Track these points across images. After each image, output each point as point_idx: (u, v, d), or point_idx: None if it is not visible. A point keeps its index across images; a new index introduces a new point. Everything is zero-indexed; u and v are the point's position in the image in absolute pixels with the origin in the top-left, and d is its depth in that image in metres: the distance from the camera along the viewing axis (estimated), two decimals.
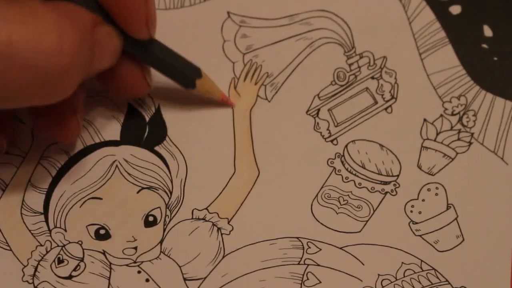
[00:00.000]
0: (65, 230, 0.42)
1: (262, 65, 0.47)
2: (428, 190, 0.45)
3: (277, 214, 0.44)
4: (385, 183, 0.45)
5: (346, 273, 0.43)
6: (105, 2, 0.38)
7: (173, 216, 0.43)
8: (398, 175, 0.45)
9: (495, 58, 0.48)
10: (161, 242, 0.43)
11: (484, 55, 0.48)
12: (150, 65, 0.43)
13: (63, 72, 0.34)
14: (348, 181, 0.45)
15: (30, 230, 0.42)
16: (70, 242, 0.42)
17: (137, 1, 0.39)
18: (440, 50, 0.48)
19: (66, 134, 0.41)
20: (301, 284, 0.42)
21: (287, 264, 0.43)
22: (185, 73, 0.43)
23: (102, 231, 0.43)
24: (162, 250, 0.42)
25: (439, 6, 0.49)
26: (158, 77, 0.44)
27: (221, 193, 0.44)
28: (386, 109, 0.47)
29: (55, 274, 0.42)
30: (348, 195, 0.45)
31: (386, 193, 0.45)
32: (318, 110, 0.46)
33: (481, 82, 0.48)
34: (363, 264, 0.43)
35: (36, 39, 0.33)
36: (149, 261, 0.42)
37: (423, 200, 0.45)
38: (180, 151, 0.44)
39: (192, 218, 0.43)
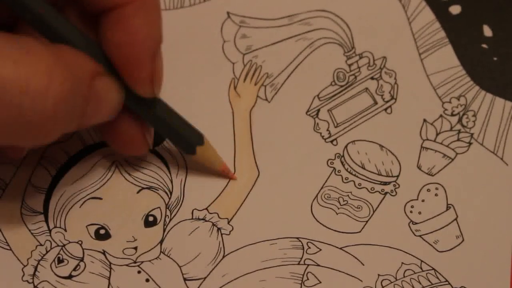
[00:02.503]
0: (65, 230, 0.42)
1: (262, 65, 0.47)
2: (428, 190, 0.45)
3: (277, 215, 0.44)
4: (385, 183, 0.45)
5: (346, 273, 0.43)
6: (111, 52, 0.37)
7: (173, 216, 0.43)
8: (398, 176, 0.45)
9: (495, 58, 0.48)
10: (161, 242, 0.43)
11: (484, 55, 0.48)
12: (150, 124, 0.41)
13: (46, 117, 0.33)
14: (348, 182, 0.45)
15: (30, 230, 0.42)
16: (70, 242, 0.42)
17: (143, 55, 0.37)
18: (440, 50, 0.48)
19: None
20: (301, 284, 0.42)
21: (287, 264, 0.43)
22: (187, 138, 0.42)
23: (102, 231, 0.43)
24: (162, 250, 0.42)
25: (439, 6, 0.49)
26: None
27: (221, 193, 0.44)
28: (385, 109, 0.47)
29: (55, 274, 0.42)
30: (348, 195, 0.45)
31: (386, 193, 0.45)
32: (318, 110, 0.46)
33: (481, 82, 0.48)
34: (363, 264, 0.43)
35: (24, 79, 0.32)
36: (149, 261, 0.42)
37: (423, 201, 0.45)
38: (180, 151, 0.44)
39: (192, 218, 0.43)
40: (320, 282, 0.42)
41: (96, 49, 0.37)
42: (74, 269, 0.42)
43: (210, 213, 0.43)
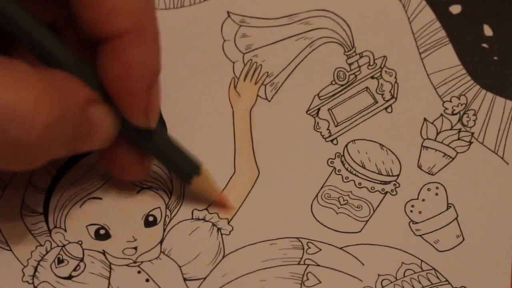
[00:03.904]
0: (65, 230, 0.42)
1: (262, 64, 0.47)
2: (428, 189, 0.45)
3: (277, 214, 0.44)
4: (385, 182, 0.45)
5: (346, 273, 0.43)
6: (106, 82, 0.36)
7: (173, 216, 0.43)
8: (398, 175, 0.45)
9: (495, 58, 0.48)
10: (161, 242, 0.43)
11: (484, 54, 0.48)
12: (147, 151, 0.41)
13: (32, 143, 0.33)
14: (348, 181, 0.45)
15: (30, 230, 0.42)
16: (70, 242, 0.42)
17: (138, 87, 0.36)
18: (440, 49, 0.48)
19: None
20: (301, 284, 0.42)
21: (287, 264, 0.43)
22: (183, 168, 0.42)
23: (102, 231, 0.43)
24: (162, 250, 0.42)
25: (439, 6, 0.49)
26: None
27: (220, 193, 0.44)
28: (386, 108, 0.47)
29: (55, 274, 0.42)
30: (348, 195, 0.45)
31: (386, 193, 0.45)
32: (318, 109, 0.46)
33: (481, 81, 0.48)
34: (363, 264, 0.43)
35: (12, 105, 0.32)
36: (149, 261, 0.42)
37: (423, 200, 0.45)
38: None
39: (192, 218, 0.43)
40: (320, 282, 0.42)
41: (93, 77, 0.36)
42: (74, 270, 0.42)
43: (210, 213, 0.43)
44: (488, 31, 0.49)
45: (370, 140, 0.46)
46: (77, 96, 0.35)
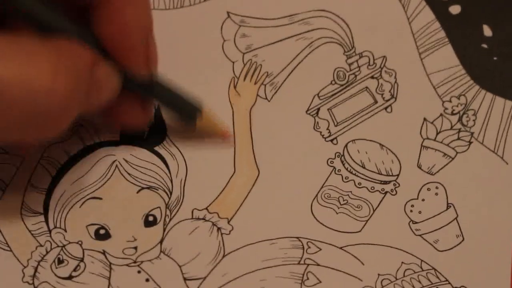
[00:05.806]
0: (65, 230, 0.42)
1: (261, 64, 0.47)
2: (428, 189, 0.45)
3: (277, 214, 0.44)
4: (385, 182, 0.45)
5: (346, 273, 0.43)
6: (106, 42, 0.38)
7: (173, 216, 0.43)
8: (398, 175, 0.45)
9: (495, 58, 0.48)
10: (161, 242, 0.43)
11: (483, 54, 0.48)
12: (151, 99, 0.43)
13: (54, 113, 0.35)
14: (348, 181, 0.45)
15: (30, 231, 0.42)
16: (70, 242, 0.42)
17: (136, 43, 0.39)
18: (440, 49, 0.48)
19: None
20: (301, 284, 0.42)
21: (287, 264, 0.43)
22: (187, 110, 0.43)
23: (102, 231, 0.43)
24: (162, 250, 0.42)
25: (439, 6, 0.49)
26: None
27: (221, 193, 0.44)
28: (386, 108, 0.47)
29: (55, 275, 0.42)
30: (348, 195, 0.45)
31: (386, 192, 0.45)
32: (318, 109, 0.46)
33: (480, 81, 0.48)
34: (363, 264, 0.43)
35: (27, 78, 0.33)
36: (149, 261, 0.42)
37: (423, 200, 0.45)
38: (180, 151, 0.44)
39: (192, 218, 0.43)
40: (320, 282, 0.42)
41: (90, 38, 0.38)
42: (74, 270, 0.42)
43: (210, 213, 0.43)
44: (487, 31, 0.49)
45: (370, 140, 0.46)
46: (84, 60, 0.37)
